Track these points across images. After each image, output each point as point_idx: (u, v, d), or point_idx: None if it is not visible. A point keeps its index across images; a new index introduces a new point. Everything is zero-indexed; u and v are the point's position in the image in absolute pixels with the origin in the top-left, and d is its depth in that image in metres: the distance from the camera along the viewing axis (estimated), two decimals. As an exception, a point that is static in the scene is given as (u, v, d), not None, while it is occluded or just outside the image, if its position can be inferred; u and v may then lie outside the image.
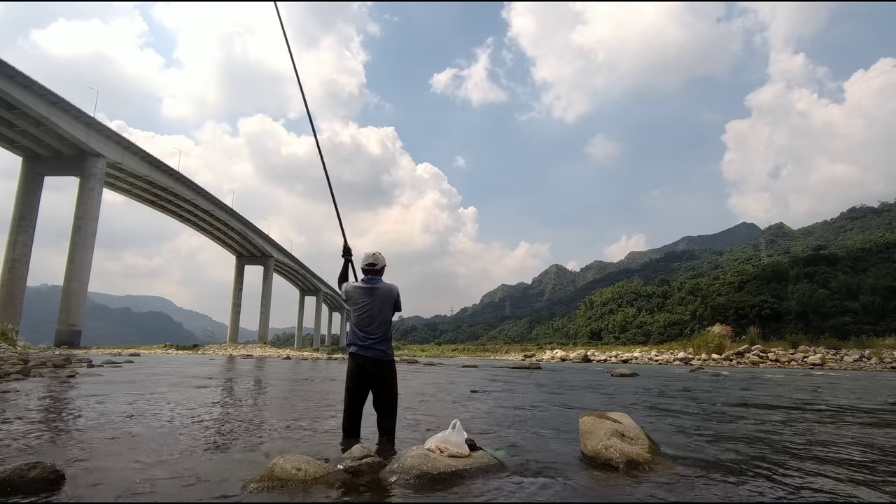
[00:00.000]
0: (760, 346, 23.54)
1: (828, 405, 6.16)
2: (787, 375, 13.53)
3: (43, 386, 7.38)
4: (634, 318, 71.50)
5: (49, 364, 11.46)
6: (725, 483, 2.43)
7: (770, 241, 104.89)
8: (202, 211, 56.29)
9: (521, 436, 3.73)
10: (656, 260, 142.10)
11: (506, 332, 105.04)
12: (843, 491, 2.31)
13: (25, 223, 37.18)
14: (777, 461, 2.94)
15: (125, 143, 41.92)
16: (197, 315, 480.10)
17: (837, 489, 2.35)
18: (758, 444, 3.51)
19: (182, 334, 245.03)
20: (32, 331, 71.87)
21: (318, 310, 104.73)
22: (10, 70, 30.97)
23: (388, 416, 3.34)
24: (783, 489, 2.34)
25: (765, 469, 2.73)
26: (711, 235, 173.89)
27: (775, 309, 51.88)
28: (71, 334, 36.06)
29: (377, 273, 3.48)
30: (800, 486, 2.40)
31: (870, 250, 60.35)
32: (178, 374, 11.12)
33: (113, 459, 2.76)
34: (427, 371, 15.36)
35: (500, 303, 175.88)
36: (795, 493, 2.27)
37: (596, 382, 10.39)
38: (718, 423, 4.48)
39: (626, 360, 26.40)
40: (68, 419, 4.29)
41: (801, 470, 2.72)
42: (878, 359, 20.39)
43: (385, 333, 3.36)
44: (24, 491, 2.08)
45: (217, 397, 6.59)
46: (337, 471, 2.42)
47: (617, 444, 2.71)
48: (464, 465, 2.53)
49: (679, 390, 8.33)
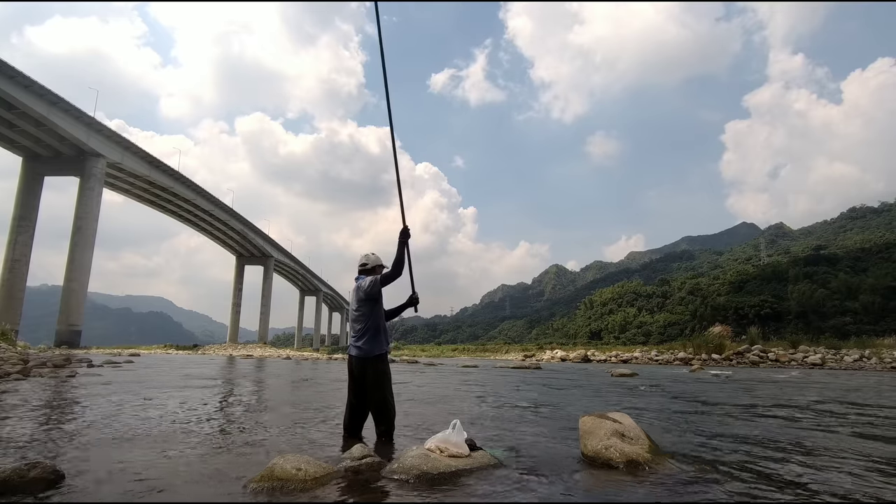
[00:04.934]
0: (760, 346, 23.49)
1: (828, 405, 6.16)
2: (787, 375, 13.53)
3: (43, 386, 7.38)
4: (634, 318, 71.39)
5: (49, 364, 11.46)
6: (726, 483, 2.43)
7: (770, 241, 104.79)
8: (202, 211, 56.27)
9: (521, 436, 3.73)
10: (656, 260, 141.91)
11: (506, 332, 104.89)
12: (845, 491, 2.31)
13: (25, 223, 37.18)
14: (778, 461, 2.93)
15: (125, 143, 41.90)
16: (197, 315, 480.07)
17: (839, 490, 2.34)
18: (758, 444, 3.51)
19: (182, 334, 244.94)
20: (32, 331, 71.81)
21: (318, 310, 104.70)
22: (10, 70, 30.96)
23: (381, 416, 3.36)
24: (784, 489, 2.34)
25: (765, 469, 2.73)
26: (711, 235, 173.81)
27: (775, 309, 51.84)
28: (71, 334, 36.05)
29: (368, 273, 3.55)
30: (801, 486, 2.40)
31: (870, 250, 60.32)
32: (178, 375, 11.12)
33: (113, 459, 2.76)
34: (427, 371, 15.36)
35: (500, 303, 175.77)
36: (796, 494, 2.27)
37: (596, 382, 10.38)
38: (719, 423, 4.47)
39: (626, 360, 26.38)
40: (68, 419, 4.28)
41: (801, 470, 2.72)
42: (878, 359, 20.35)
43: (366, 330, 3.38)
44: (24, 491, 2.08)
45: (217, 397, 6.59)
46: (337, 471, 2.42)
47: (617, 444, 2.71)
48: (464, 465, 2.53)
49: (679, 390, 8.33)
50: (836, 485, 2.42)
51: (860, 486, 2.38)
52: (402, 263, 3.36)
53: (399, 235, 3.37)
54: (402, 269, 3.36)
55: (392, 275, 3.37)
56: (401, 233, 3.38)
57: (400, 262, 3.34)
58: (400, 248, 3.35)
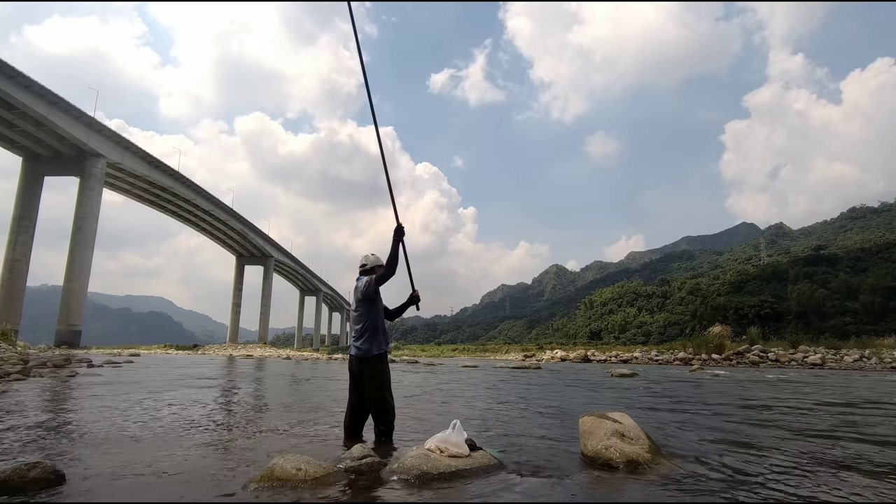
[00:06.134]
0: (760, 346, 23.48)
1: (828, 404, 6.16)
2: (787, 375, 13.53)
3: (43, 386, 7.38)
4: (634, 318, 71.37)
5: (49, 364, 11.46)
6: (726, 483, 2.43)
7: (770, 241, 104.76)
8: (202, 211, 56.29)
9: (521, 435, 3.73)
10: (656, 260, 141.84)
11: (506, 332, 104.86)
12: (846, 491, 2.31)
13: (25, 223, 37.19)
14: (778, 461, 2.93)
15: (125, 143, 41.92)
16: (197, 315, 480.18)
17: (840, 490, 2.34)
18: (758, 444, 3.51)
19: (182, 334, 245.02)
20: (32, 331, 71.83)
21: (317, 310, 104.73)
22: (10, 70, 30.97)
23: (381, 416, 3.36)
24: (784, 489, 2.33)
25: (766, 469, 2.73)
26: (711, 235, 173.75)
27: (775, 309, 51.82)
28: (71, 334, 36.07)
29: (368, 273, 3.55)
30: (802, 486, 2.40)
31: (870, 250, 60.29)
32: (178, 375, 11.12)
33: (113, 459, 2.76)
34: (427, 371, 15.36)
35: (500, 303, 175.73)
36: (797, 494, 2.27)
37: (596, 382, 10.38)
38: (719, 424, 4.47)
39: (626, 361, 26.36)
40: (68, 419, 4.28)
41: (802, 470, 2.72)
42: (878, 359, 20.35)
43: (365, 330, 3.39)
44: (24, 491, 2.08)
45: (217, 397, 6.59)
46: (337, 471, 2.42)
47: (617, 444, 2.71)
48: (464, 465, 2.53)
49: (679, 390, 8.33)
50: (839, 485, 2.42)
51: (864, 487, 2.38)
52: (396, 261, 3.32)
53: (393, 233, 3.35)
54: (395, 267, 3.33)
55: (386, 274, 3.34)
56: (395, 230, 3.35)
57: (393, 260, 3.31)
58: (394, 246, 3.32)
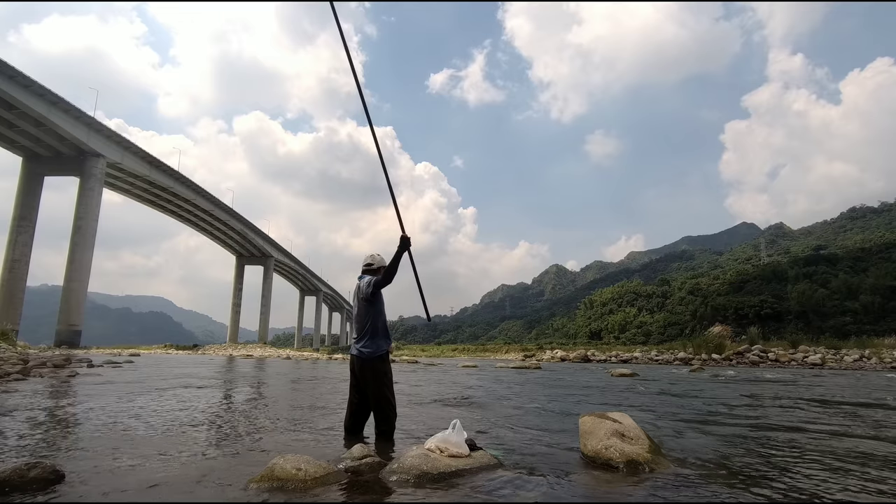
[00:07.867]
0: (760, 346, 23.51)
1: (829, 404, 6.16)
2: (787, 375, 13.53)
3: (43, 386, 7.38)
4: (634, 318, 71.34)
5: (49, 364, 11.45)
6: (726, 483, 2.43)
7: (770, 241, 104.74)
8: (202, 211, 56.29)
9: (521, 436, 3.73)
10: (656, 260, 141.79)
11: (506, 331, 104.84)
12: (846, 492, 2.31)
13: (25, 223, 37.18)
14: (778, 461, 2.93)
15: (125, 143, 41.91)
16: (197, 315, 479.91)
17: (840, 490, 2.34)
18: (759, 444, 3.51)
19: (182, 334, 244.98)
20: (32, 331, 71.77)
21: (318, 310, 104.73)
22: (9, 70, 30.95)
23: (381, 416, 3.36)
24: (785, 489, 2.34)
25: (766, 469, 2.73)
26: (711, 235, 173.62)
27: (775, 309, 51.82)
28: (71, 334, 36.07)
29: (373, 273, 3.54)
30: (802, 486, 2.40)
31: (870, 250, 60.25)
32: (178, 375, 11.12)
33: (113, 459, 2.76)
34: (427, 371, 15.36)
35: (499, 303, 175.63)
36: (798, 494, 2.27)
37: (596, 382, 10.38)
38: (719, 424, 4.47)
39: (626, 360, 26.36)
40: (68, 419, 4.29)
41: (802, 470, 2.72)
42: (878, 359, 20.37)
43: (366, 330, 3.39)
44: (24, 491, 2.08)
45: (217, 397, 6.59)
46: (337, 471, 2.42)
47: (617, 444, 2.71)
48: (464, 465, 2.53)
49: (679, 390, 8.33)
50: (839, 485, 2.42)
51: (864, 487, 2.38)
52: (394, 272, 3.34)
53: (399, 244, 3.29)
54: (393, 278, 3.36)
55: (383, 282, 3.40)
56: (400, 241, 3.29)
57: (393, 270, 3.32)
58: (396, 256, 3.28)
